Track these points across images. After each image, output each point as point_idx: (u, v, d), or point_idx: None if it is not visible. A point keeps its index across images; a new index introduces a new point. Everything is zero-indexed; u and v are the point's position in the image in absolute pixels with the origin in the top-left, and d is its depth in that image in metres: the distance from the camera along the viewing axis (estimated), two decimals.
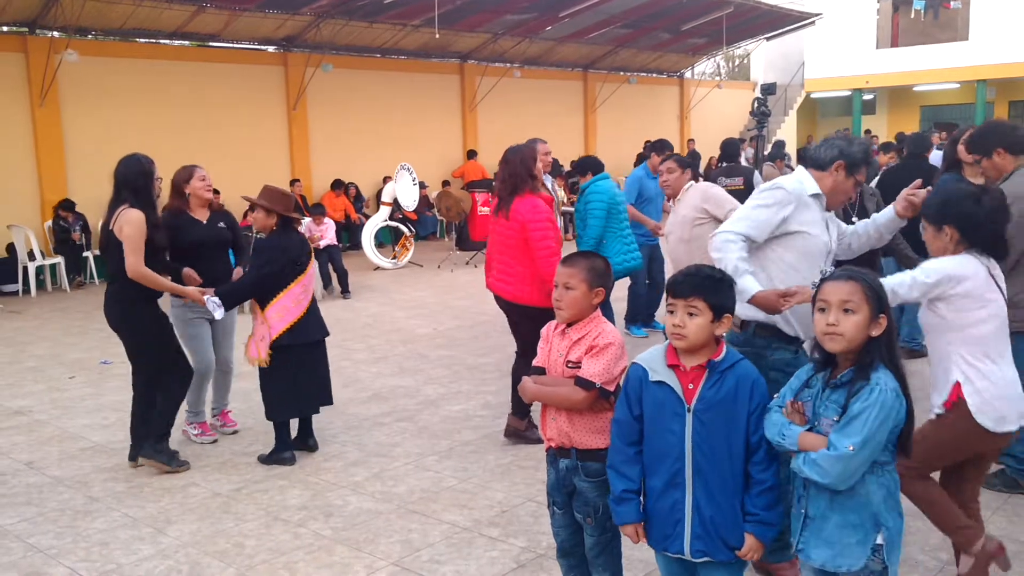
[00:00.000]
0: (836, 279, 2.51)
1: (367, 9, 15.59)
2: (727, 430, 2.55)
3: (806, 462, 2.45)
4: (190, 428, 5.63)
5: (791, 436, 2.49)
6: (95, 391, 6.95)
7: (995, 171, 4.21)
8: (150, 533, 4.24)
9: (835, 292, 2.47)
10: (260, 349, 5.07)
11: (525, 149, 5.29)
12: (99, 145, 13.65)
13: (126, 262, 4.87)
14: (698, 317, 2.54)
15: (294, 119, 16.41)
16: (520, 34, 19.17)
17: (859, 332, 2.44)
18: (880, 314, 2.46)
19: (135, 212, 4.92)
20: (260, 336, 5.09)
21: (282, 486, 4.80)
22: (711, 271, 2.66)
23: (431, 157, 18.41)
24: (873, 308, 2.45)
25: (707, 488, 2.56)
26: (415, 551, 3.95)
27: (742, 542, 2.58)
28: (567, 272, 3.02)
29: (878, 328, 2.46)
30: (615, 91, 22.54)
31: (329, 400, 5.37)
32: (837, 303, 2.46)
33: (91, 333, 9.27)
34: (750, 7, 20.29)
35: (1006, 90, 26.64)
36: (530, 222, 5.06)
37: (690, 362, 2.59)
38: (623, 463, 2.70)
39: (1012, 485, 4.32)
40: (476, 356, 7.73)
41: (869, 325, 2.45)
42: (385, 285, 12.14)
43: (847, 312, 2.44)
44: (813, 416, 2.53)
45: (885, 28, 27.43)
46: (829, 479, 2.41)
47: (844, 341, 2.45)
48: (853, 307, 2.44)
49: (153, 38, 15.13)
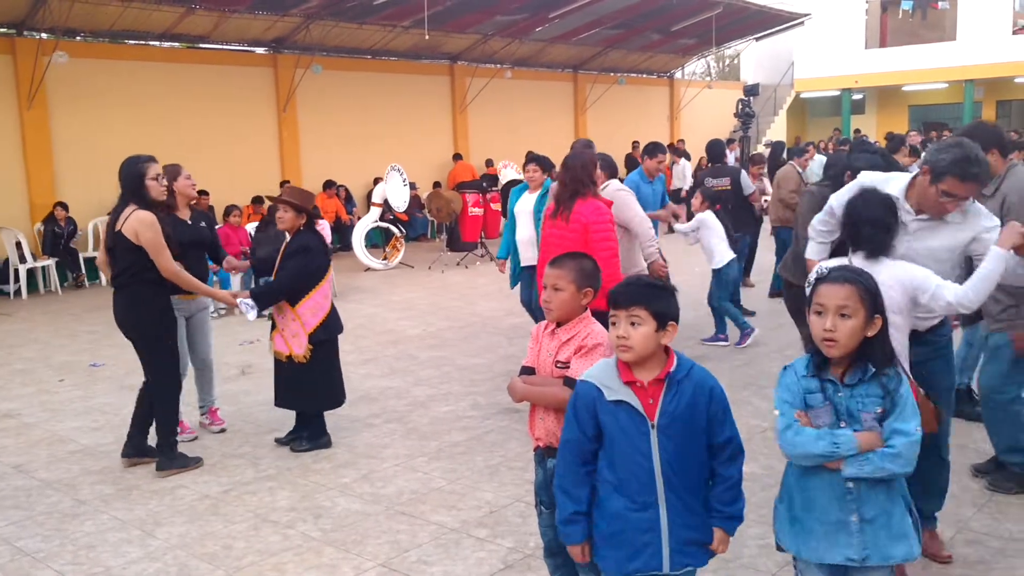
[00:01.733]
0: (833, 281, 2.50)
1: (357, 10, 15.58)
2: (692, 439, 2.50)
3: (886, 458, 2.41)
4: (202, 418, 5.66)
5: (846, 441, 2.43)
6: (84, 394, 6.94)
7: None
8: (138, 536, 4.24)
9: (832, 296, 2.47)
10: (296, 345, 5.25)
11: (586, 155, 5.44)
12: (88, 147, 13.62)
13: (158, 264, 4.95)
14: (642, 327, 2.46)
15: (284, 120, 16.39)
16: (510, 35, 19.18)
17: (854, 337, 2.46)
18: (875, 315, 2.47)
19: (146, 213, 4.96)
20: (292, 332, 5.26)
21: (271, 488, 4.80)
22: (650, 280, 2.62)
23: (422, 158, 18.41)
24: (869, 310, 2.46)
25: (681, 501, 2.51)
26: (403, 552, 3.96)
27: (712, 538, 2.58)
28: (556, 273, 3.04)
29: (873, 329, 2.47)
30: (605, 92, 22.58)
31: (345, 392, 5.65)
32: (834, 308, 2.45)
33: (81, 336, 9.25)
34: (739, 7, 20.35)
35: (993, 90, 26.79)
36: (593, 223, 5.19)
37: (646, 376, 2.51)
38: (574, 484, 2.59)
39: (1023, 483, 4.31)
40: (466, 357, 7.74)
41: (865, 327, 2.46)
42: (375, 286, 12.14)
43: (843, 317, 2.45)
44: (846, 416, 2.49)
45: (874, 28, 27.56)
46: (910, 467, 2.44)
47: (841, 348, 2.46)
48: (850, 312, 2.45)
49: (142, 40, 15.09)
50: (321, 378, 5.34)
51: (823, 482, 2.51)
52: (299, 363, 5.25)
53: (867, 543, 2.49)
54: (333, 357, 5.44)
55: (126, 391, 6.91)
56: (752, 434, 5.33)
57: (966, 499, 4.29)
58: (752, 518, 4.16)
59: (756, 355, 7.31)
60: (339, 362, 5.51)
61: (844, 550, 2.50)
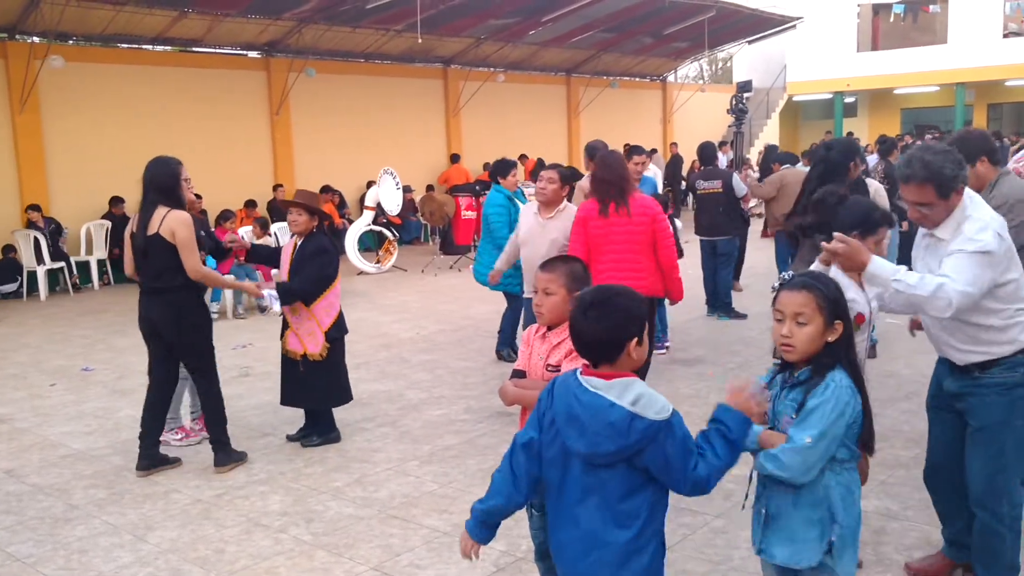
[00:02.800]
0: (792, 288, 2.55)
1: (350, 14, 15.59)
2: None
3: (766, 457, 2.49)
4: (171, 435, 5.61)
5: (751, 435, 2.52)
6: (76, 398, 6.93)
7: (977, 180, 4.16)
8: (130, 540, 4.24)
9: (789, 303, 2.51)
10: (311, 343, 5.39)
11: (617, 154, 5.76)
12: (81, 151, 13.60)
13: (186, 264, 4.96)
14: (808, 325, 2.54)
15: (277, 124, 16.38)
16: (503, 39, 19.21)
17: (811, 343, 2.49)
18: (836, 320, 2.50)
19: (183, 213, 5.00)
20: (308, 331, 5.39)
21: (263, 492, 4.81)
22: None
23: (415, 162, 18.42)
24: (827, 316, 2.49)
25: None
26: (395, 556, 3.97)
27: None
28: (547, 277, 3.06)
29: (834, 334, 2.50)
30: (598, 95, 22.62)
31: None
32: (791, 315, 2.50)
33: (73, 340, 9.23)
34: (732, 11, 20.42)
35: (984, 93, 26.93)
36: (659, 215, 5.44)
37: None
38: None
39: None
40: (459, 360, 7.75)
41: (824, 333, 2.49)
42: (368, 290, 12.14)
43: (800, 324, 2.49)
44: (773, 416, 2.58)
45: (865, 31, 27.69)
46: (788, 473, 2.45)
47: (797, 353, 2.51)
48: (805, 319, 2.49)
49: (135, 43, 15.08)
50: (332, 375, 5.51)
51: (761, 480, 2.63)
52: (313, 361, 5.38)
53: (765, 535, 2.60)
54: (342, 355, 5.63)
55: (118, 395, 6.91)
56: None
57: None
58: (743, 521, 4.17)
59: (749, 358, 7.34)
60: (345, 360, 5.69)
61: (754, 538, 2.65)
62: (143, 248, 4.98)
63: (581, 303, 2.35)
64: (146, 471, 5.11)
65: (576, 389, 2.32)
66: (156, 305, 5.05)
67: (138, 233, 4.99)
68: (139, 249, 5.01)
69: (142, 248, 4.98)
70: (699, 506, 4.36)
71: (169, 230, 4.92)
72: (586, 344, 2.35)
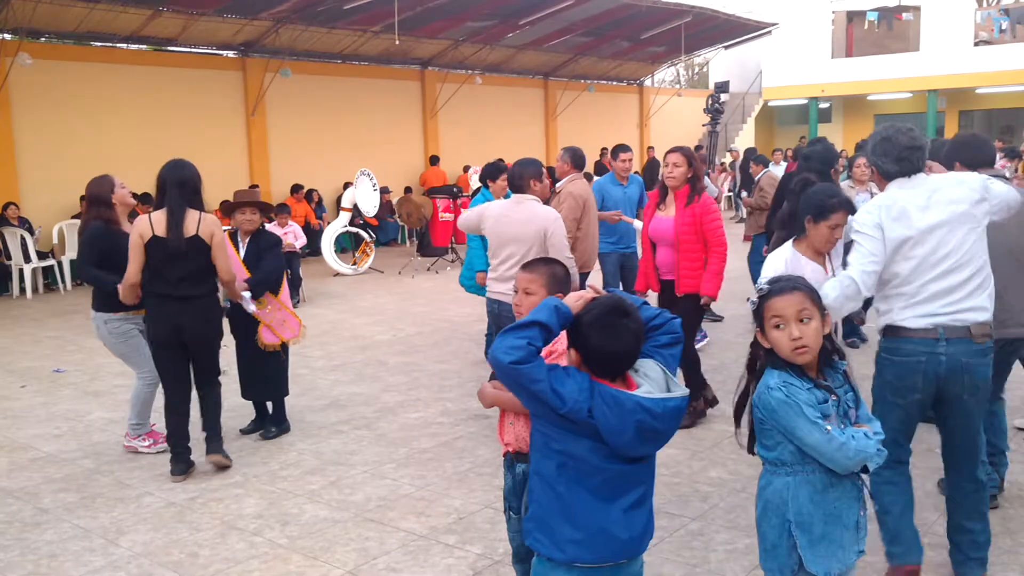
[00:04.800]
0: (783, 292, 2.51)
1: (327, 15, 15.52)
2: None
3: (880, 453, 2.47)
4: (139, 441, 5.47)
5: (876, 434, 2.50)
6: (47, 400, 6.83)
7: None
8: (101, 544, 4.18)
9: (789, 305, 2.49)
10: (286, 330, 5.63)
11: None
12: (52, 150, 13.43)
13: (222, 266, 4.97)
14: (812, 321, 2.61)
15: (253, 124, 16.27)
16: (481, 41, 19.21)
17: (819, 338, 2.50)
18: (824, 314, 2.54)
19: (214, 216, 5.01)
20: (280, 321, 5.60)
21: (238, 495, 4.75)
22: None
23: (392, 163, 18.37)
24: (820, 309, 2.52)
25: None
26: (371, 559, 3.94)
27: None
28: (528, 277, 3.05)
29: (828, 326, 2.54)
30: (576, 98, 22.68)
31: None
32: (794, 315, 2.47)
33: (44, 341, 9.10)
34: (708, 16, 20.57)
35: (956, 100, 27.28)
36: (708, 213, 5.57)
37: None
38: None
39: None
40: (436, 363, 7.72)
41: (822, 326, 2.52)
42: (345, 291, 12.08)
43: (805, 322, 2.48)
44: (842, 418, 2.51)
45: (840, 38, 27.96)
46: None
47: (812, 352, 2.50)
48: (808, 315, 2.48)
49: (108, 42, 14.92)
50: (286, 365, 5.77)
51: (844, 488, 2.53)
52: (273, 353, 5.59)
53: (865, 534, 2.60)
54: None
55: (90, 398, 6.82)
56: (720, 439, 5.37)
57: (928, 503, 4.35)
58: (720, 523, 4.20)
59: (724, 361, 7.36)
60: None
61: (854, 546, 2.57)
62: (183, 251, 4.84)
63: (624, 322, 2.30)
64: (183, 475, 5.02)
65: (640, 402, 2.26)
66: (189, 310, 4.94)
67: (172, 236, 4.81)
68: (176, 252, 4.83)
69: (182, 251, 4.83)
70: (676, 509, 4.37)
71: (208, 232, 4.88)
72: (629, 355, 2.35)
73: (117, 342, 5.34)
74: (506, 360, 2.22)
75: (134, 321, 5.32)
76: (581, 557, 2.37)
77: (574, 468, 2.33)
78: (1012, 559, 3.75)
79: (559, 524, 2.37)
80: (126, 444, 5.51)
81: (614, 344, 2.31)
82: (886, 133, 3.50)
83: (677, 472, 4.90)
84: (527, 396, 2.29)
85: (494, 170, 7.57)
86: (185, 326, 4.94)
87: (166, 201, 4.86)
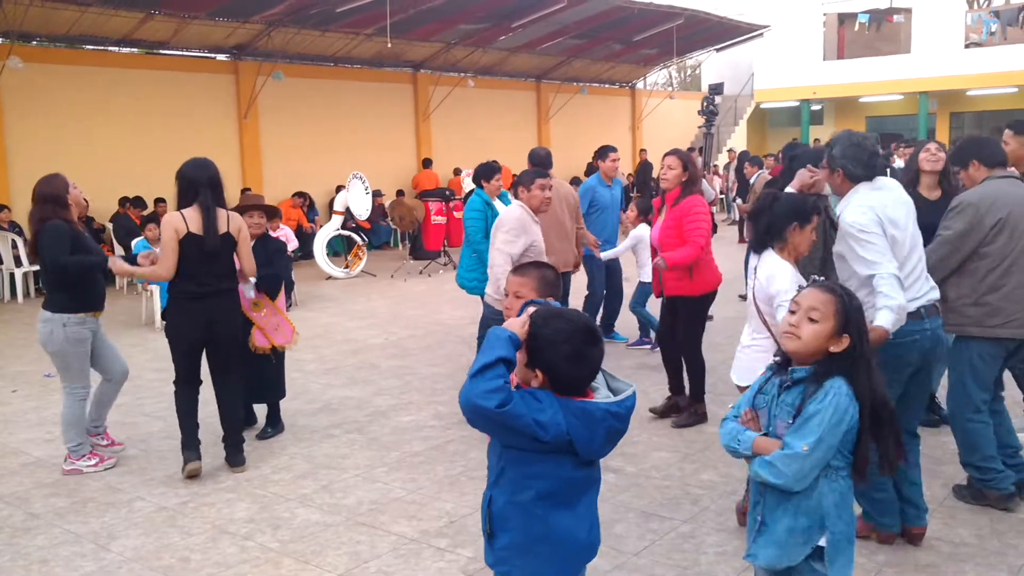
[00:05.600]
0: (816, 287, 2.59)
1: (319, 18, 15.52)
2: None
3: (761, 465, 2.50)
4: (83, 462, 5.20)
5: (746, 441, 2.55)
6: (38, 404, 6.81)
7: (970, 181, 4.41)
8: (92, 549, 4.17)
9: (808, 298, 2.56)
10: (279, 336, 5.70)
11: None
12: (43, 155, 13.37)
13: (247, 262, 5.09)
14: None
15: (245, 128, 16.26)
16: (473, 44, 19.23)
17: (815, 340, 2.51)
18: (844, 333, 2.51)
19: (236, 214, 5.11)
20: (275, 326, 5.67)
21: (229, 499, 4.75)
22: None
23: (385, 166, 18.37)
24: (838, 324, 2.51)
25: None
26: (363, 563, 3.95)
27: None
28: (518, 281, 3.07)
29: (838, 345, 2.51)
30: (568, 101, 22.71)
31: None
32: (806, 308, 2.53)
33: (34, 346, 9.02)
34: (700, 19, 20.61)
35: (947, 102, 27.37)
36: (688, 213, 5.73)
37: None
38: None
39: (979, 497, 4.35)
40: (428, 366, 7.72)
41: (831, 338, 2.51)
42: (337, 295, 12.07)
43: (811, 320, 2.52)
44: (769, 421, 2.59)
45: (831, 40, 28.02)
46: (784, 480, 2.46)
47: (798, 343, 2.53)
48: (818, 316, 2.51)
49: (100, 45, 14.89)
50: (282, 369, 5.90)
51: (755, 484, 2.64)
52: (266, 356, 5.65)
53: (755, 541, 2.62)
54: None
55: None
56: (711, 442, 5.38)
57: None
58: (711, 526, 4.21)
59: (714, 363, 7.37)
60: None
61: (749, 545, 2.66)
62: (220, 248, 4.91)
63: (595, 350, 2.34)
64: (242, 465, 5.15)
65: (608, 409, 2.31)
66: (223, 306, 5.02)
67: (210, 234, 4.85)
68: (213, 249, 4.88)
69: (218, 248, 4.89)
70: (667, 512, 4.39)
71: (236, 228, 4.99)
72: (595, 375, 2.38)
73: (69, 347, 5.11)
74: (492, 405, 2.18)
75: (90, 325, 5.19)
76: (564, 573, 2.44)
77: (550, 487, 2.34)
78: (999, 560, 3.77)
79: (541, 547, 2.37)
80: (66, 469, 5.19)
81: (586, 369, 2.34)
82: (854, 139, 3.83)
83: (668, 475, 4.91)
84: (508, 433, 2.28)
85: (488, 170, 7.57)
86: (219, 320, 5.02)
87: (198, 199, 4.89)
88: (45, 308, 5.19)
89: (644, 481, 4.81)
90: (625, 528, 4.22)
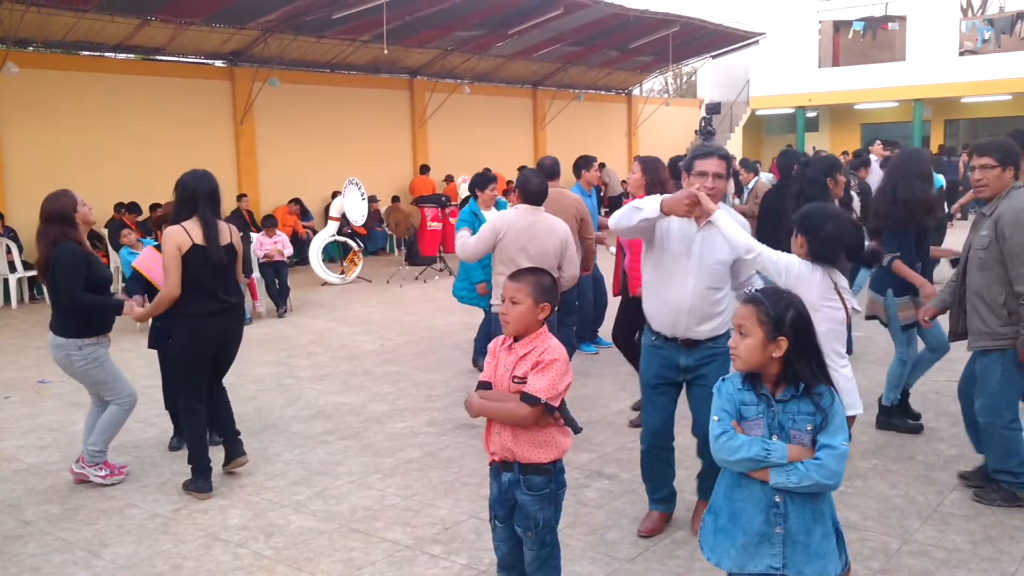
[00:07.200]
0: (740, 302, 2.64)
1: (315, 24, 15.53)
2: None
3: (811, 468, 2.48)
4: (95, 471, 5.09)
5: (777, 450, 2.51)
6: (31, 411, 6.79)
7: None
8: (84, 557, 4.16)
9: (736, 315, 2.60)
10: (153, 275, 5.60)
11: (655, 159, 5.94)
12: (39, 161, 13.38)
13: (240, 271, 5.07)
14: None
15: (241, 134, 16.25)
16: (470, 50, 19.26)
17: (752, 354, 2.53)
18: (779, 336, 2.51)
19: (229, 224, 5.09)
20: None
21: (223, 506, 4.74)
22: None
23: (381, 172, 18.37)
24: (768, 331, 2.51)
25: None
26: (357, 570, 3.93)
27: None
28: (514, 287, 3.07)
29: (778, 350, 2.52)
30: (564, 108, 22.74)
31: None
32: (736, 325, 2.59)
33: (28, 352, 9.05)
34: (696, 26, 20.68)
35: (941, 109, 27.46)
36: None
37: None
38: None
39: (1011, 499, 4.37)
40: (423, 372, 7.71)
41: (766, 346, 2.52)
42: (332, 301, 12.06)
43: (742, 335, 2.56)
44: (777, 430, 2.56)
45: (826, 48, 28.12)
46: (837, 479, 2.50)
47: (740, 362, 2.57)
48: (746, 331, 2.55)
49: (96, 51, 14.88)
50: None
51: (751, 494, 2.58)
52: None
53: (787, 555, 2.57)
54: None
55: (74, 408, 6.78)
56: None
57: (911, 511, 4.38)
58: None
59: None
60: None
61: (766, 559, 2.58)
62: (230, 258, 4.92)
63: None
64: (211, 491, 4.92)
65: None
66: (233, 320, 5.04)
67: (216, 246, 4.81)
68: (219, 263, 4.85)
69: (223, 261, 4.87)
70: None
71: (236, 239, 4.98)
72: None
73: (91, 368, 4.97)
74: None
75: (103, 344, 5.08)
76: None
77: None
78: (992, 566, 3.77)
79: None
80: (75, 470, 5.10)
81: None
82: None
83: None
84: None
85: (483, 180, 7.57)
86: (231, 334, 5.03)
87: (199, 212, 4.83)
88: (56, 333, 4.96)
89: (638, 487, 4.80)
90: (619, 535, 4.22)
